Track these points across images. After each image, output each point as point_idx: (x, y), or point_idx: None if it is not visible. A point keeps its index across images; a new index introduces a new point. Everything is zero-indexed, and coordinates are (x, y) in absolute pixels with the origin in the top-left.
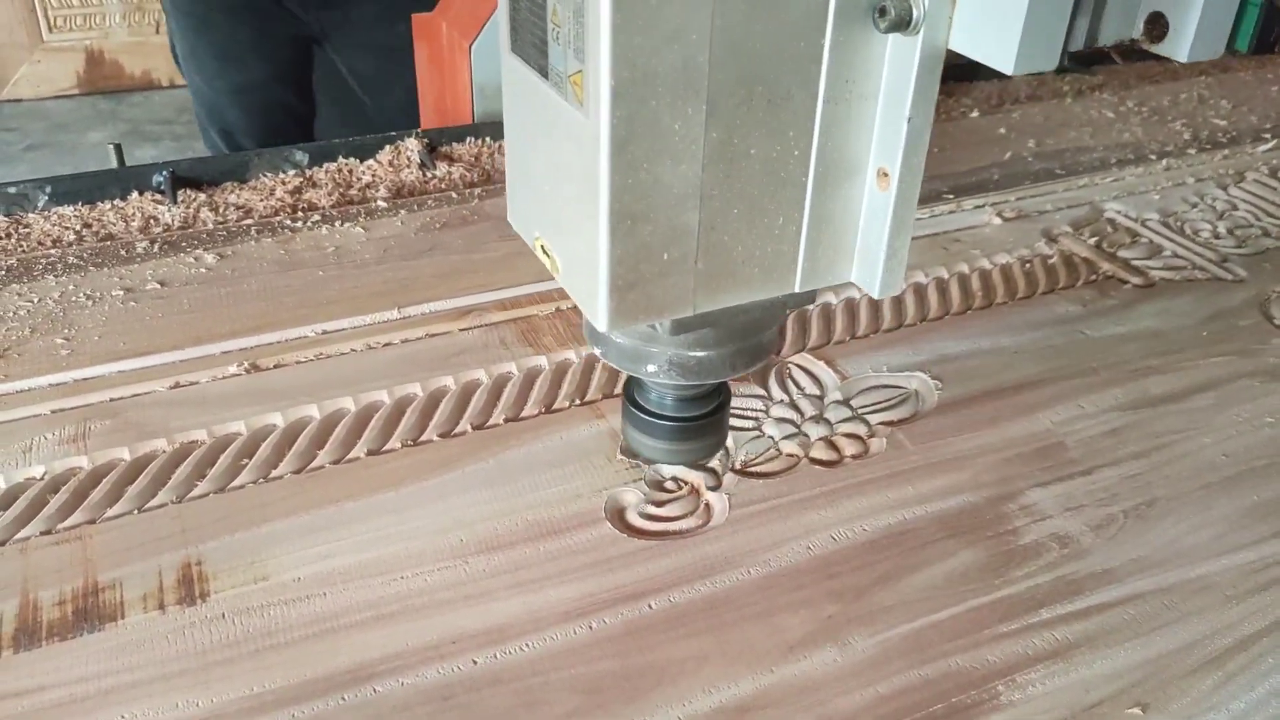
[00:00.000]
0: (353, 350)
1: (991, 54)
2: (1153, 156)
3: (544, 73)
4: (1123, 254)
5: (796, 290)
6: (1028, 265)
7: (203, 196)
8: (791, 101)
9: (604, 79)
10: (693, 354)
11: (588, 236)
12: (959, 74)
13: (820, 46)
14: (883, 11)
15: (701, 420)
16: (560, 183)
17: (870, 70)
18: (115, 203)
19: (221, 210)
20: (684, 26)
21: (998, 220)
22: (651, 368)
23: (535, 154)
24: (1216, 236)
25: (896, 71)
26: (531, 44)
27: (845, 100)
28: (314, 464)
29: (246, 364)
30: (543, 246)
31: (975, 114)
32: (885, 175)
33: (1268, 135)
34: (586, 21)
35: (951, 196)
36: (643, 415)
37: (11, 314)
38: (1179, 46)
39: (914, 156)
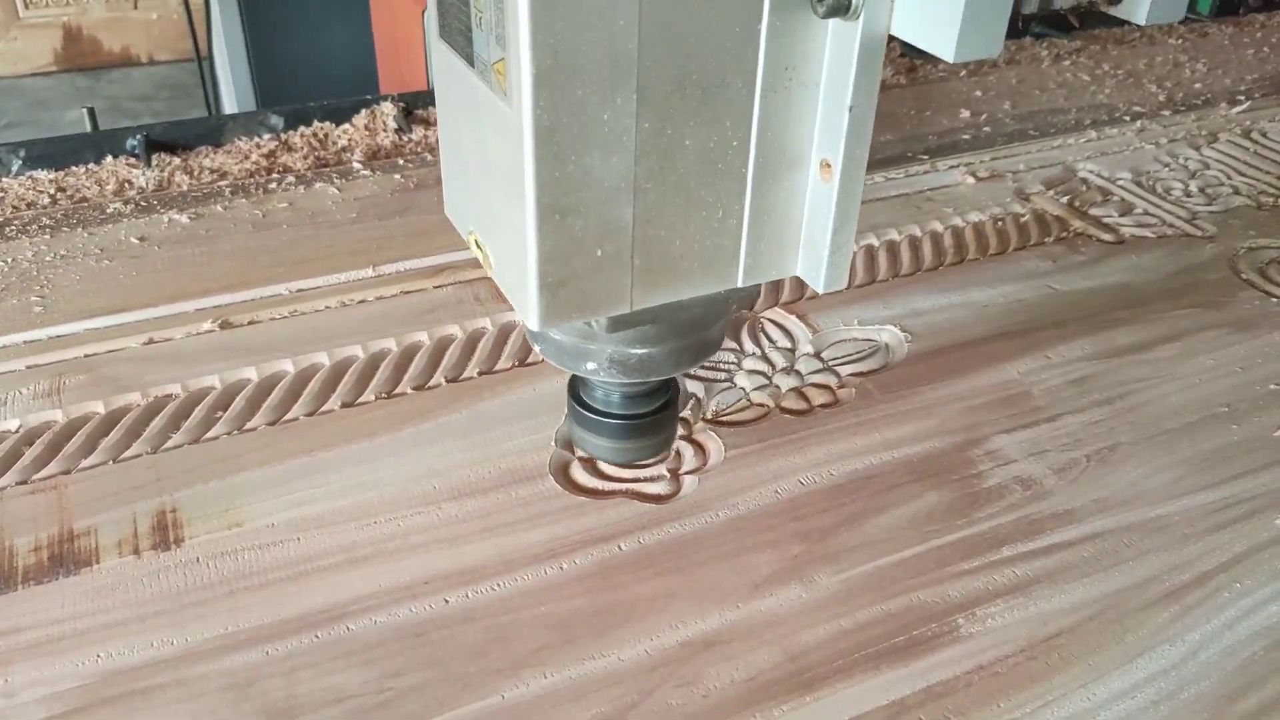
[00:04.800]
0: (327, 307)
1: (932, 41)
2: (1126, 118)
3: (470, 60)
4: (1094, 212)
5: (739, 285)
6: (1000, 223)
7: (177, 160)
8: (728, 90)
9: (525, 67)
10: (634, 351)
11: (516, 231)
12: None
13: (757, 32)
14: None
15: (649, 418)
16: (489, 175)
17: (810, 57)
18: (90, 167)
19: (196, 174)
20: (609, 11)
21: (971, 180)
22: (591, 365)
23: (466, 145)
24: (1188, 195)
25: (837, 59)
26: (458, 30)
27: (785, 89)
28: (288, 416)
29: (220, 320)
30: (476, 241)
31: (951, 77)
32: (828, 166)
33: (1241, 97)
34: (505, 6)
35: (926, 157)
36: (588, 414)
37: None
38: (1137, 8)
39: (856, 147)
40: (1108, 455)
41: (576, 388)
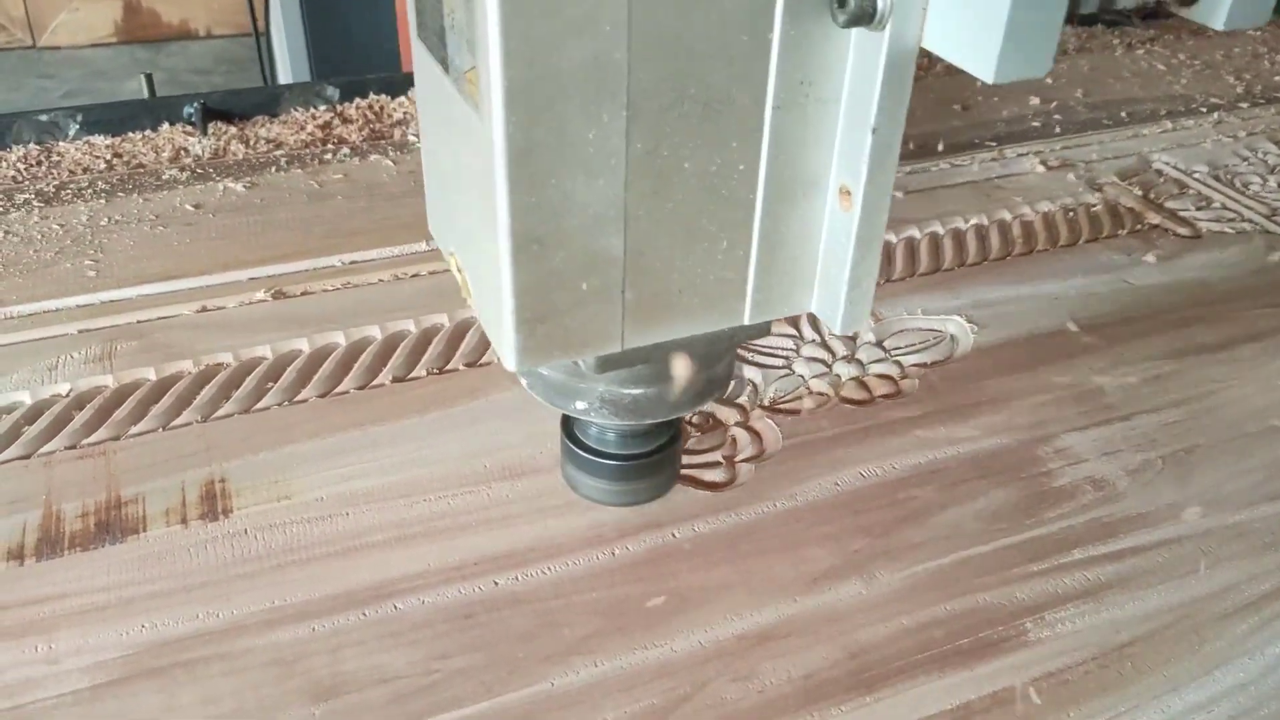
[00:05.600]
0: (380, 280)
1: (970, 59)
2: (1203, 109)
3: (445, 65)
4: (1170, 205)
5: (746, 323)
6: (1071, 214)
7: (233, 129)
8: (733, 106)
9: (496, 77)
10: (628, 391)
11: (491, 260)
12: None
13: (768, 42)
14: (842, 2)
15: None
16: (466, 193)
17: (830, 71)
18: (146, 133)
19: (252, 143)
20: (594, 15)
21: (1041, 168)
22: (582, 405)
23: (444, 157)
24: (1267, 190)
25: (860, 73)
26: (433, 29)
27: (800, 106)
28: (339, 389)
29: (273, 290)
30: (457, 264)
31: None
32: (847, 193)
33: None
34: (474, 6)
35: (994, 144)
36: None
37: (40, 237)
38: (1215, 12)
39: (880, 173)
40: (1184, 457)
41: (568, 422)
